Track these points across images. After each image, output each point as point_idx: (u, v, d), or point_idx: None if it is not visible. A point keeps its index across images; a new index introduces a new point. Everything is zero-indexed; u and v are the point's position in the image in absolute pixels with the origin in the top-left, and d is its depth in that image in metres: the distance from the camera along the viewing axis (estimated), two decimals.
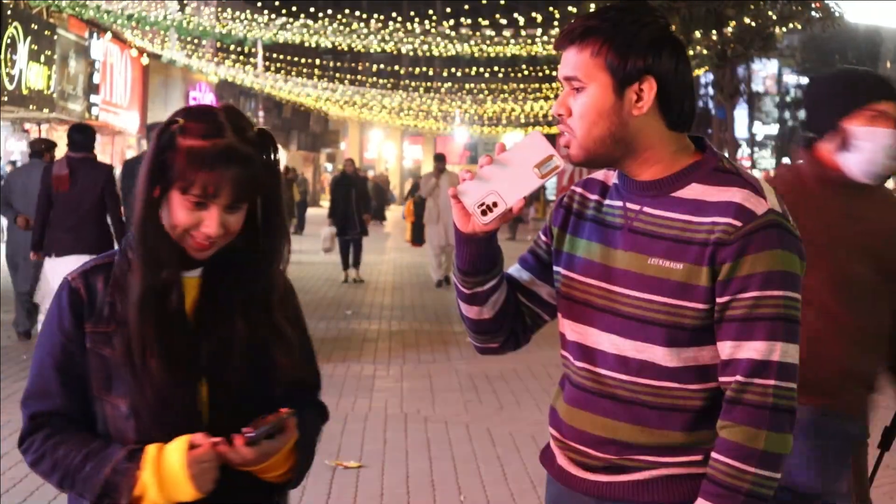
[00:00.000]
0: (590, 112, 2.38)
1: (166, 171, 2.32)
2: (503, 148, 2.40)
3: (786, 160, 63.67)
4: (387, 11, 29.83)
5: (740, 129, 57.34)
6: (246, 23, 27.25)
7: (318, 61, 40.70)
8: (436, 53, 30.51)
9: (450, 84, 46.57)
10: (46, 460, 2.36)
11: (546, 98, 45.33)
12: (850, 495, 4.24)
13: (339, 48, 31.39)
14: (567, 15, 26.53)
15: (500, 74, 42.56)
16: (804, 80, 62.24)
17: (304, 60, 39.57)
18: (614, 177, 2.52)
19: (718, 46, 26.57)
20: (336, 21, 28.03)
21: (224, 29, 26.80)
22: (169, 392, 2.33)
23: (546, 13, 28.25)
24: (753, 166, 64.35)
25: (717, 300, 2.33)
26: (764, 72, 69.01)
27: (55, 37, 26.98)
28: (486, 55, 29.41)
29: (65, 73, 27.80)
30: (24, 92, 25.12)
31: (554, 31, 27.66)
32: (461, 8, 30.24)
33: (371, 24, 28.22)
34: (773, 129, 69.72)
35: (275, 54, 40.67)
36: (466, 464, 7.20)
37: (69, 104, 28.52)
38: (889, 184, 4.42)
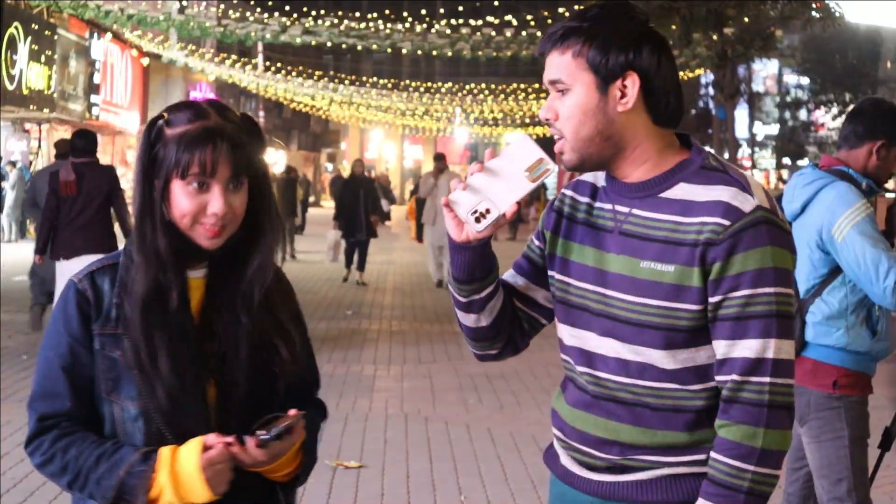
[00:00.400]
0: (576, 112, 2.38)
1: (160, 165, 2.34)
2: (493, 154, 2.41)
3: (786, 160, 63.70)
4: (387, 11, 29.82)
5: (741, 129, 57.32)
6: (246, 23, 27.24)
7: (318, 61, 40.69)
8: (436, 53, 30.50)
9: (450, 84, 46.57)
10: (56, 462, 2.35)
11: (547, 97, 45.28)
12: (851, 495, 4.25)
13: (340, 48, 31.39)
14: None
15: (501, 74, 42.56)
16: (804, 81, 62.29)
17: (304, 60, 39.58)
18: (603, 179, 2.52)
19: (719, 46, 26.55)
20: (336, 21, 28.01)
21: (224, 29, 26.79)
22: (179, 393, 2.34)
23: (545, 13, 28.25)
24: (754, 166, 64.33)
25: (710, 300, 2.33)
26: (764, 72, 69.03)
27: (55, 37, 26.98)
28: (486, 55, 29.38)
29: (65, 73, 27.80)
30: (25, 92, 25.12)
31: None
32: (461, 8, 30.25)
33: (371, 24, 28.20)
34: (774, 129, 69.68)
35: (275, 54, 40.68)
36: (467, 464, 7.20)
37: (69, 104, 28.51)
38: (890, 184, 4.42)
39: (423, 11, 29.52)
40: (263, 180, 2.44)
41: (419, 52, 29.84)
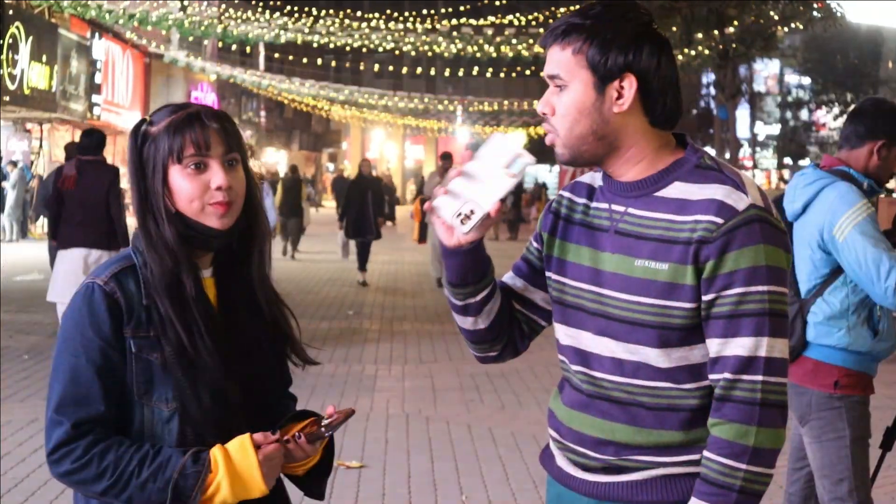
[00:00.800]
0: (571, 110, 2.39)
1: (154, 159, 2.39)
2: (470, 156, 2.42)
3: (787, 160, 63.69)
4: (388, 11, 29.81)
5: (742, 128, 57.32)
6: (247, 22, 27.25)
7: (319, 61, 40.69)
8: (437, 50, 30.50)
9: (451, 83, 46.57)
10: (92, 468, 2.31)
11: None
12: (853, 496, 4.24)
13: (341, 48, 31.39)
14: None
15: (502, 74, 42.55)
16: (806, 80, 62.27)
17: (306, 60, 39.58)
18: (599, 179, 2.52)
19: (720, 46, 26.58)
20: (337, 20, 28.02)
21: (225, 28, 26.80)
22: (223, 388, 2.38)
23: (548, 13, 28.25)
24: (755, 166, 64.34)
25: (703, 298, 2.33)
26: (766, 72, 69.05)
27: (57, 37, 27.00)
28: (487, 55, 29.39)
29: (66, 73, 27.83)
30: (26, 92, 25.14)
31: None
32: (462, 7, 30.23)
33: (372, 24, 28.21)
34: (775, 128, 69.64)
35: (276, 54, 40.68)
36: (468, 463, 7.20)
37: (71, 104, 28.53)
38: (891, 184, 4.42)
39: (424, 11, 29.49)
40: (250, 169, 2.51)
41: (420, 51, 29.83)
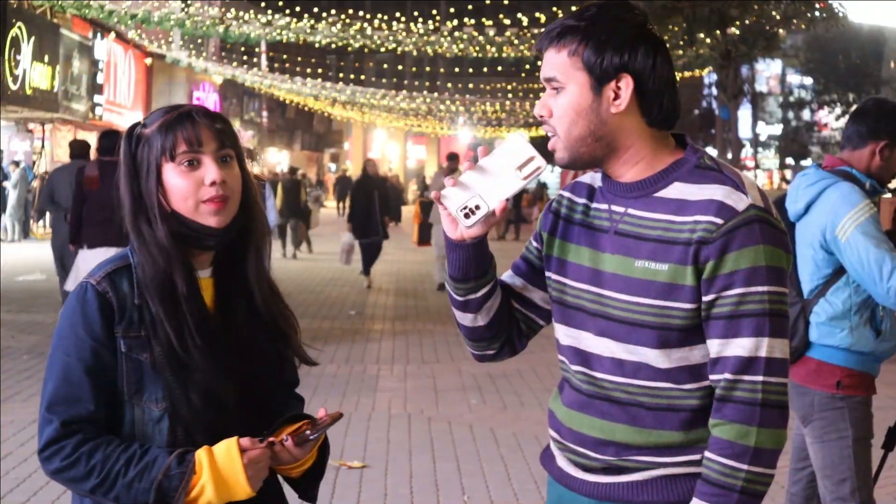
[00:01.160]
0: (568, 112, 2.38)
1: (147, 159, 2.40)
2: (486, 152, 2.42)
3: (789, 160, 63.67)
4: (390, 11, 29.83)
5: (744, 129, 57.27)
6: (250, 22, 27.26)
7: (319, 65, 40.71)
8: (439, 50, 30.51)
9: (452, 84, 46.57)
10: (80, 466, 2.33)
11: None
12: (855, 496, 4.24)
13: (343, 48, 31.40)
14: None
15: (504, 75, 42.61)
16: (808, 81, 62.25)
17: (307, 60, 39.59)
18: (600, 179, 2.52)
19: (722, 46, 26.56)
20: (340, 21, 28.03)
21: (228, 29, 26.81)
22: (213, 389, 2.38)
23: (550, 13, 28.26)
24: (757, 167, 64.32)
25: (703, 298, 2.33)
26: (767, 72, 68.99)
27: (59, 37, 27.01)
28: (489, 56, 29.40)
29: (68, 73, 27.84)
30: (28, 92, 25.16)
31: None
32: (465, 8, 30.24)
33: (374, 24, 28.22)
34: (777, 129, 69.63)
35: (279, 54, 40.69)
36: (470, 463, 7.20)
37: (73, 104, 28.55)
38: (894, 184, 4.42)
39: (422, 11, 29.52)
40: (246, 168, 2.51)
41: (422, 51, 29.83)
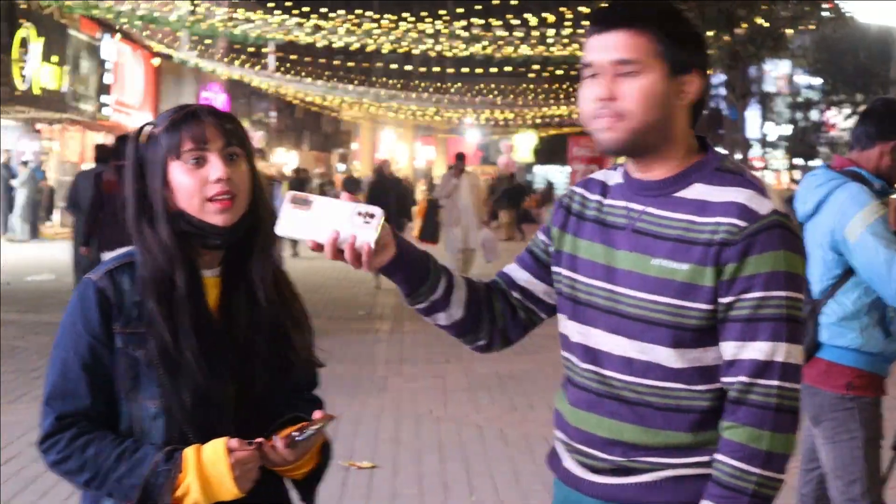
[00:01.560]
0: (647, 97, 2.35)
1: (154, 158, 2.41)
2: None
3: (798, 161, 63.57)
4: (398, 12, 29.83)
5: (752, 129, 57.21)
6: (258, 23, 27.28)
7: (330, 61, 40.71)
8: (447, 54, 30.51)
9: (460, 84, 46.55)
10: (73, 460, 2.37)
11: (557, 98, 45.24)
12: (865, 496, 4.24)
13: (351, 48, 31.42)
14: (579, 16, 26.49)
15: (513, 75, 42.58)
16: (816, 81, 62.13)
17: (315, 61, 39.60)
18: (615, 176, 2.53)
19: (730, 47, 26.53)
20: (347, 21, 28.03)
21: (236, 29, 26.84)
22: (205, 389, 2.37)
23: (557, 13, 28.23)
24: (766, 167, 64.21)
25: (721, 300, 2.32)
26: (775, 72, 68.85)
27: (67, 37, 27.06)
28: (497, 56, 29.38)
29: (76, 73, 27.89)
30: (37, 92, 25.21)
31: (566, 32, 27.60)
32: (472, 8, 30.21)
33: (382, 25, 28.22)
34: (785, 129, 69.49)
35: (286, 54, 40.71)
36: (479, 464, 7.20)
37: (81, 105, 28.61)
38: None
39: (431, 12, 29.50)
40: (255, 167, 2.50)
41: (430, 52, 29.83)
